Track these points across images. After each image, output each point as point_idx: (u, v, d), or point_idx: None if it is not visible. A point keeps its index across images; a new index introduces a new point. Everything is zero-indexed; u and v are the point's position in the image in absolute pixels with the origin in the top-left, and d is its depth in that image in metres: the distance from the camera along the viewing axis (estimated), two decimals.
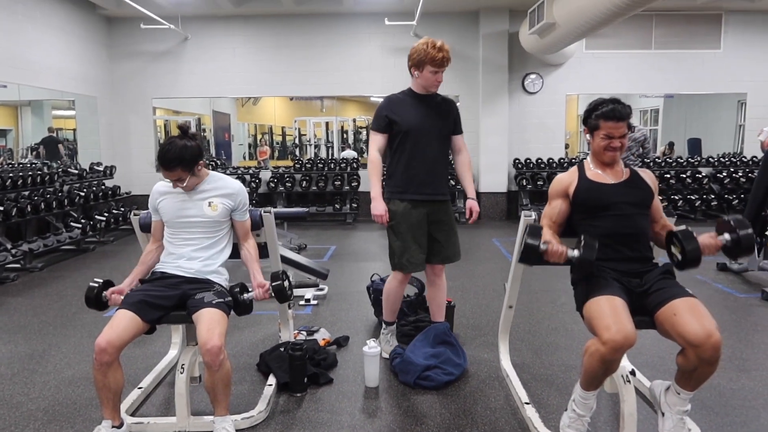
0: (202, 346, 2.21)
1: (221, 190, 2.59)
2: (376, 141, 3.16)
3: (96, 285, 2.50)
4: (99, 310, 2.52)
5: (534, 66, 9.03)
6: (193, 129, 2.95)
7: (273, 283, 2.52)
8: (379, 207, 3.08)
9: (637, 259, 2.33)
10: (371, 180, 3.10)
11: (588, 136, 2.43)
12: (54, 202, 6.36)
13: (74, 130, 8.82)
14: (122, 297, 2.46)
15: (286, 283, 2.52)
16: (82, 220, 6.85)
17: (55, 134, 8.41)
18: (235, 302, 2.50)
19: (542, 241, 2.23)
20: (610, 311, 2.07)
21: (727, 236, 2.25)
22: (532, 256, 2.25)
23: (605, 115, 2.31)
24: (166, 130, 10.87)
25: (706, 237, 2.25)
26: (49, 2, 7.43)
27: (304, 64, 9.13)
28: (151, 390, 2.90)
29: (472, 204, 3.19)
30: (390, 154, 3.18)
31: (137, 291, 2.47)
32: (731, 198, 8.70)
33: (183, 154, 2.41)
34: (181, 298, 2.46)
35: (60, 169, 7.29)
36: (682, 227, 2.31)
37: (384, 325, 3.41)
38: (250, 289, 2.57)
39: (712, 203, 8.65)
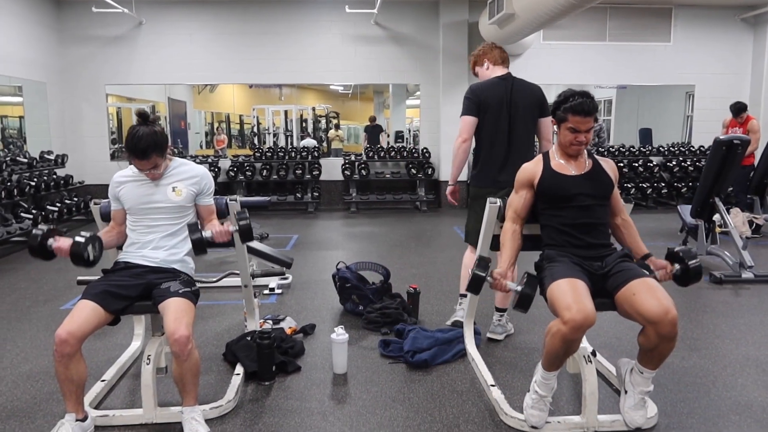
0: (170, 336, 2.18)
1: (185, 174, 2.56)
2: None
3: (40, 232, 2.36)
4: (45, 259, 2.40)
5: None
6: (156, 114, 2.89)
7: (240, 222, 2.42)
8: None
9: (598, 246, 2.42)
10: None
11: (555, 127, 2.49)
12: (3, 192, 6.10)
13: (21, 117, 8.45)
14: (70, 242, 2.34)
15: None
16: (33, 211, 6.60)
17: None
18: (195, 242, 2.35)
19: (489, 274, 2.35)
20: (571, 292, 2.14)
21: (677, 266, 2.39)
22: (477, 286, 2.38)
23: (573, 108, 2.35)
24: (119, 118, 10.53)
25: (659, 266, 2.38)
26: None
27: (263, 51, 8.99)
28: (114, 382, 2.84)
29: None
30: None
31: (100, 281, 2.41)
32: (680, 186, 9.05)
33: (156, 140, 2.37)
34: (146, 288, 2.42)
35: (8, 158, 6.99)
36: (682, 246, 2.45)
37: (460, 298, 3.54)
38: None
39: (663, 191, 8.97)
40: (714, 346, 3.32)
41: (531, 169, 2.53)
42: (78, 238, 2.36)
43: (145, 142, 2.36)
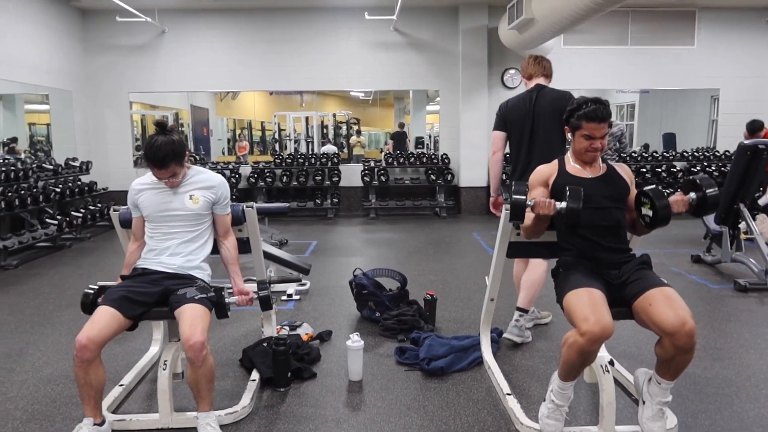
0: (185, 342, 2.21)
1: (202, 183, 2.59)
2: None
3: (91, 292, 2.48)
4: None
5: (513, 61, 9.09)
6: (170, 123, 2.95)
7: (260, 293, 2.57)
8: None
9: (615, 250, 2.38)
10: None
11: (569, 135, 2.46)
12: (28, 199, 6.24)
13: (48, 124, 8.64)
14: None
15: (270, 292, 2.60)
16: (58, 217, 6.74)
17: None
18: (217, 305, 2.48)
19: (529, 198, 2.29)
20: (589, 303, 2.11)
21: (693, 195, 2.34)
22: (519, 212, 2.30)
23: (587, 115, 2.33)
24: (143, 125, 10.70)
25: (674, 195, 2.35)
26: None
27: (283, 58, 9.07)
28: (132, 387, 2.88)
29: None
30: None
31: (118, 287, 2.44)
32: None
33: (174, 149, 2.41)
34: (163, 294, 2.45)
35: (34, 165, 7.15)
36: (652, 186, 2.37)
37: (518, 312, 3.42)
38: (230, 292, 2.60)
39: None
40: (738, 356, 3.24)
41: (546, 171, 2.53)
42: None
43: (164, 151, 2.39)
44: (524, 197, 2.29)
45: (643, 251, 2.44)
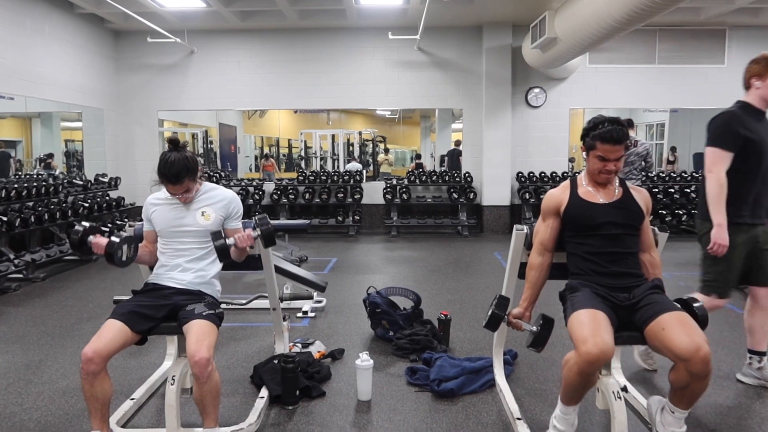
0: (191, 358, 2.22)
1: (214, 199, 2.62)
2: (725, 161, 2.86)
3: (81, 228, 2.44)
4: (83, 254, 2.51)
5: (537, 80, 9.05)
6: (187, 139, 3.00)
7: (262, 227, 2.51)
8: (725, 237, 2.81)
9: (626, 275, 2.32)
10: (717, 206, 2.82)
11: (584, 154, 2.42)
12: (58, 213, 6.41)
13: (81, 141, 8.92)
14: (104, 244, 2.40)
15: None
16: None
17: (4, 148, 7.80)
18: (218, 248, 2.43)
19: (507, 314, 2.50)
20: (589, 324, 2.06)
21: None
22: (497, 324, 2.52)
23: (602, 136, 2.27)
24: None
25: None
26: (57, 16, 7.55)
27: (309, 77, 9.20)
28: (143, 401, 2.90)
29: None
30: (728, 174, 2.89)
31: (128, 302, 2.48)
32: None
33: (187, 165, 2.46)
34: (172, 309, 2.47)
35: (65, 180, 7.35)
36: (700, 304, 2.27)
37: (750, 356, 3.08)
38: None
39: None
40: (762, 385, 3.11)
41: (557, 196, 2.46)
42: (114, 238, 2.42)
43: (178, 167, 2.44)
44: (502, 314, 2.48)
45: (670, 274, 2.37)
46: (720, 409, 2.79)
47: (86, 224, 2.48)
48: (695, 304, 2.24)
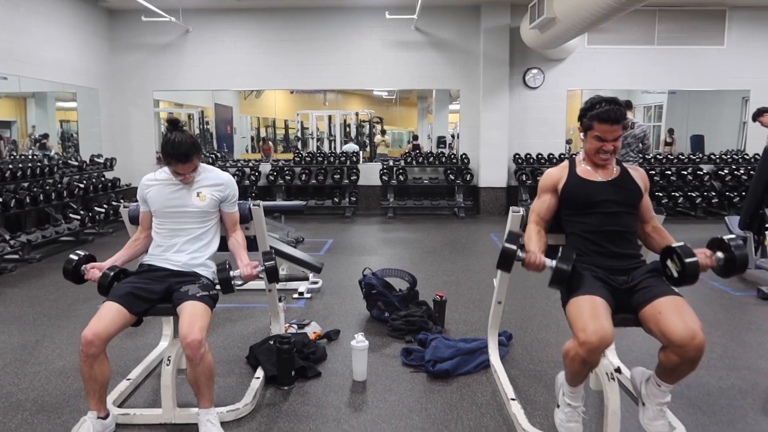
0: (183, 339, 2.22)
1: (210, 181, 2.61)
2: None
3: (76, 258, 2.50)
4: (75, 282, 2.52)
5: (535, 61, 8.98)
6: (183, 120, 2.97)
7: (266, 263, 2.51)
8: None
9: (624, 256, 2.32)
10: None
11: (582, 134, 2.41)
12: (53, 194, 6.39)
13: (77, 122, 8.85)
14: (100, 274, 2.46)
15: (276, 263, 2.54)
16: (81, 212, 6.87)
17: None
18: (222, 280, 2.47)
19: (522, 250, 2.24)
20: (589, 311, 2.06)
21: (720, 254, 2.17)
22: (508, 261, 2.26)
23: (599, 116, 2.26)
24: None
25: (700, 254, 2.15)
26: None
27: (305, 57, 9.11)
28: (139, 381, 2.91)
29: None
30: None
31: (125, 283, 2.47)
32: (732, 195, 8.64)
33: (194, 142, 2.47)
34: (167, 291, 2.47)
35: (60, 161, 7.31)
36: (681, 243, 2.22)
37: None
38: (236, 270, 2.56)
39: (713, 200, 8.58)
40: (756, 367, 3.14)
41: (556, 175, 2.46)
42: (107, 271, 2.48)
43: (186, 146, 2.43)
44: (515, 248, 2.23)
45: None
46: (712, 390, 2.82)
47: (81, 253, 2.54)
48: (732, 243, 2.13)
